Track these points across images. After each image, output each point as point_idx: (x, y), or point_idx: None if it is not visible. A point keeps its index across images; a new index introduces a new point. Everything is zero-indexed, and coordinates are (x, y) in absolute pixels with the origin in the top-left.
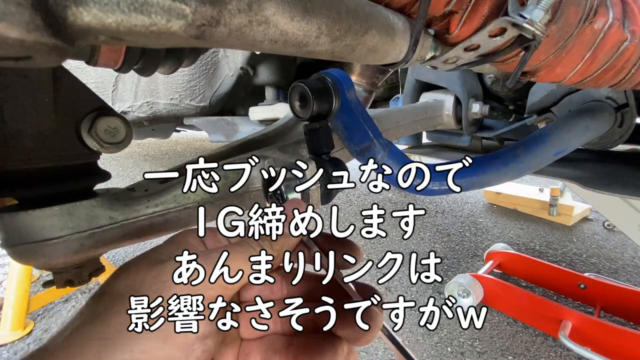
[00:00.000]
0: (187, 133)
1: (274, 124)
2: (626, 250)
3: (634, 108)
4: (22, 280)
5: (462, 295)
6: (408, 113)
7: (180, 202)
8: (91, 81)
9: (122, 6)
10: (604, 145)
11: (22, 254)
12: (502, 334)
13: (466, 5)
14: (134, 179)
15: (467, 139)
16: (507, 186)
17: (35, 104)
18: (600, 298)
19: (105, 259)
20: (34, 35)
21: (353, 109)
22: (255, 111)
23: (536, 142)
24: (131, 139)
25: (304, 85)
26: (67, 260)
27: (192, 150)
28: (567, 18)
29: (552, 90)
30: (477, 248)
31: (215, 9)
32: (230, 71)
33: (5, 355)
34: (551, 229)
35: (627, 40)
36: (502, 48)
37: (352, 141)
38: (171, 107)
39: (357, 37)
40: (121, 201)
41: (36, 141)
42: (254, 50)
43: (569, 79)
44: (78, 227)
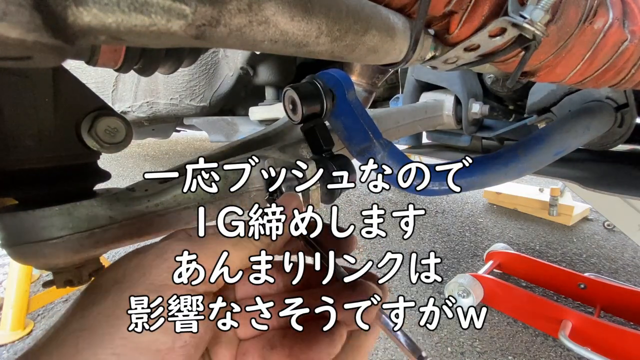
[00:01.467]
0: (187, 133)
1: (274, 124)
2: (626, 250)
3: (634, 108)
4: (22, 280)
5: (462, 295)
6: (408, 113)
7: (180, 202)
8: (91, 81)
9: (122, 6)
10: (604, 145)
11: (22, 254)
12: (502, 334)
13: (466, 5)
14: (134, 179)
15: (467, 139)
16: (507, 186)
17: (35, 104)
18: (600, 298)
19: (105, 259)
20: (34, 35)
21: (353, 109)
22: (255, 111)
23: (536, 142)
24: (131, 139)
25: (293, 89)
26: (67, 260)
27: (192, 150)
28: (567, 18)
29: (552, 90)
30: (477, 248)
31: (215, 9)
32: (230, 71)
33: (5, 355)
34: (551, 229)
35: (627, 40)
36: (502, 48)
37: (352, 141)
38: (171, 107)
39: (357, 37)
40: (121, 201)
41: (36, 141)
42: (254, 50)
43: (569, 79)
44: (78, 227)
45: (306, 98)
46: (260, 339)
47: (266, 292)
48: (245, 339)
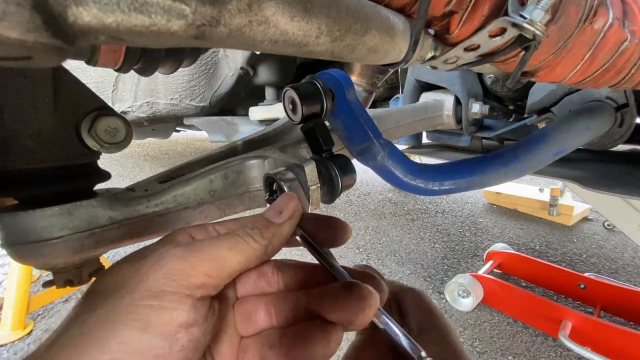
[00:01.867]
0: (187, 133)
1: (274, 124)
2: (626, 250)
3: (634, 108)
4: (22, 280)
5: (462, 295)
6: (408, 113)
7: (180, 202)
8: (91, 81)
9: (122, 6)
10: (604, 145)
11: (22, 254)
12: (502, 334)
13: (466, 5)
14: (134, 179)
15: (467, 139)
16: (507, 186)
17: (35, 104)
18: (600, 298)
19: (105, 259)
20: (34, 35)
21: (353, 109)
22: (255, 111)
23: (536, 142)
24: (131, 139)
25: (293, 89)
26: (67, 260)
27: (192, 150)
28: (567, 18)
29: (552, 90)
30: (477, 248)
31: (215, 9)
32: (230, 71)
33: (5, 355)
34: (551, 229)
35: (627, 40)
36: (502, 48)
37: (352, 141)
38: (171, 107)
39: (357, 37)
40: (121, 201)
41: (36, 141)
42: (254, 50)
43: (569, 79)
44: (78, 227)
45: (306, 98)
46: (260, 337)
47: (266, 291)
48: (246, 336)
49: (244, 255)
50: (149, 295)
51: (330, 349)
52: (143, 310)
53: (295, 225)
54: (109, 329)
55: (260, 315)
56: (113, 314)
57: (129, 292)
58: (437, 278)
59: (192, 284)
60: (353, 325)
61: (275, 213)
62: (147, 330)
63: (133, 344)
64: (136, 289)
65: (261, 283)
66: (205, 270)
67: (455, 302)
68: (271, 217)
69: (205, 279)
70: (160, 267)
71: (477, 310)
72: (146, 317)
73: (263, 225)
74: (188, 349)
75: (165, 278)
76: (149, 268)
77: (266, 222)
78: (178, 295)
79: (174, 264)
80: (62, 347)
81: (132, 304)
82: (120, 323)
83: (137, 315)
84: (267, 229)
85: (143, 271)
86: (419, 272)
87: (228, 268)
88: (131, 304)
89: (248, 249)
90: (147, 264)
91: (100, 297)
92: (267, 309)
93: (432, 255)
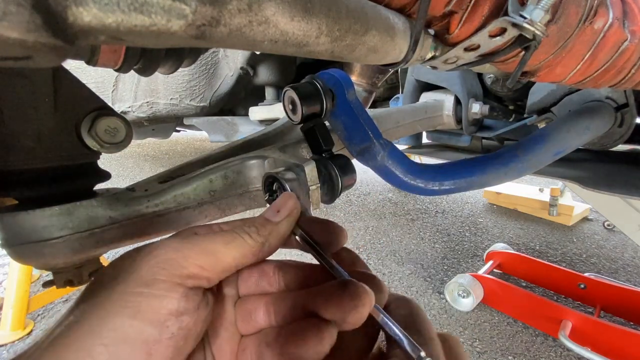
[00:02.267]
0: (187, 133)
1: (274, 124)
2: (626, 250)
3: (634, 108)
4: (22, 280)
5: (462, 295)
6: (408, 113)
7: (180, 202)
8: (91, 81)
9: (122, 6)
10: (604, 145)
11: (22, 254)
12: (502, 334)
13: (466, 5)
14: (134, 179)
15: (467, 139)
16: (507, 186)
17: (35, 104)
18: (600, 298)
19: (105, 259)
20: (34, 35)
21: (353, 109)
22: (255, 111)
23: (536, 142)
24: (131, 139)
25: (293, 89)
26: (67, 260)
27: (192, 150)
28: (567, 18)
29: (552, 90)
30: (477, 248)
31: (215, 9)
32: (230, 71)
33: (5, 355)
34: (551, 229)
35: (627, 40)
36: (502, 48)
37: (352, 141)
38: (171, 107)
39: (357, 37)
40: (121, 201)
41: (36, 141)
42: (254, 50)
43: (569, 79)
44: (78, 227)
45: (306, 98)
46: (258, 335)
47: (267, 290)
48: (246, 334)
49: (239, 251)
50: (140, 283)
51: (323, 346)
52: (134, 297)
53: (293, 224)
54: (102, 317)
55: (259, 315)
56: (106, 302)
57: (123, 281)
58: (437, 278)
59: (184, 274)
60: (347, 323)
61: (273, 212)
62: (137, 317)
63: (123, 331)
64: (130, 278)
65: (262, 283)
66: (199, 262)
67: (455, 302)
68: (269, 216)
69: (198, 270)
70: (154, 257)
71: (477, 310)
72: (137, 305)
73: (260, 223)
74: (178, 337)
75: (157, 267)
76: (143, 258)
77: (264, 221)
78: (169, 283)
79: (167, 254)
80: (60, 335)
81: (124, 291)
82: (112, 311)
83: (129, 302)
84: (264, 226)
85: (137, 261)
86: (419, 272)
87: (222, 262)
88: (123, 292)
89: (244, 245)
90: (141, 254)
91: (99, 286)
92: (266, 308)
93: (432, 255)
